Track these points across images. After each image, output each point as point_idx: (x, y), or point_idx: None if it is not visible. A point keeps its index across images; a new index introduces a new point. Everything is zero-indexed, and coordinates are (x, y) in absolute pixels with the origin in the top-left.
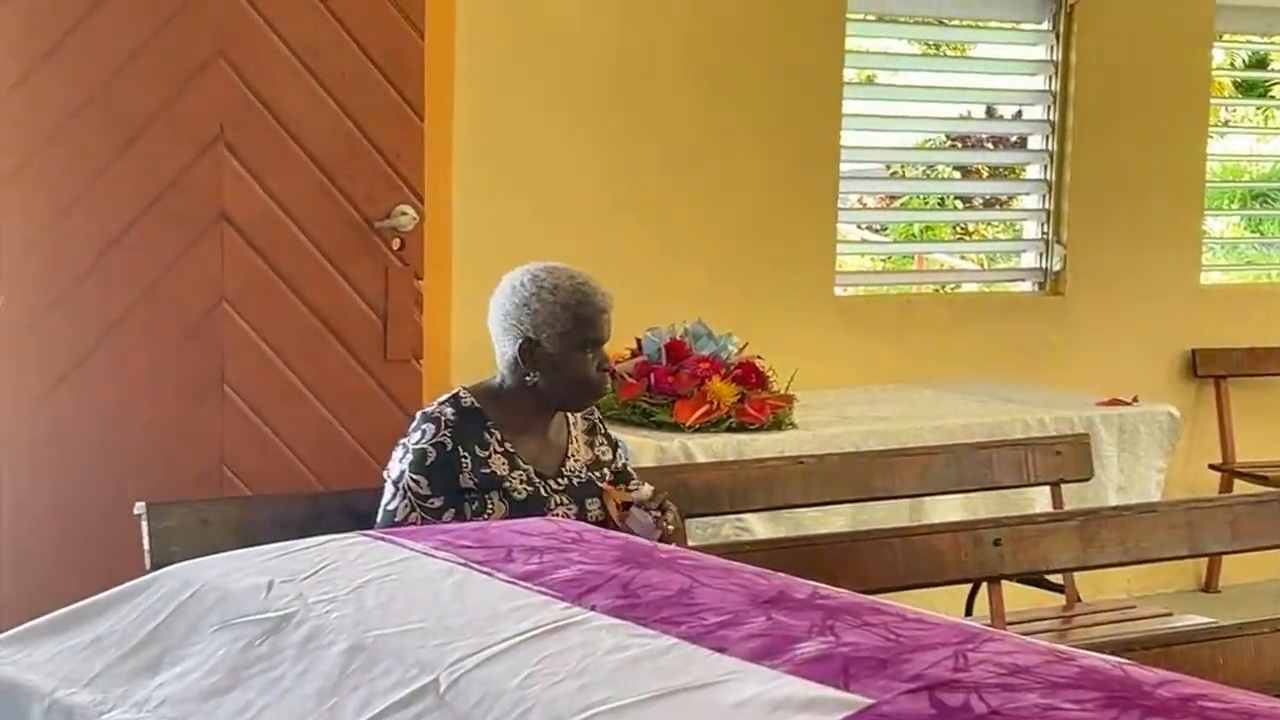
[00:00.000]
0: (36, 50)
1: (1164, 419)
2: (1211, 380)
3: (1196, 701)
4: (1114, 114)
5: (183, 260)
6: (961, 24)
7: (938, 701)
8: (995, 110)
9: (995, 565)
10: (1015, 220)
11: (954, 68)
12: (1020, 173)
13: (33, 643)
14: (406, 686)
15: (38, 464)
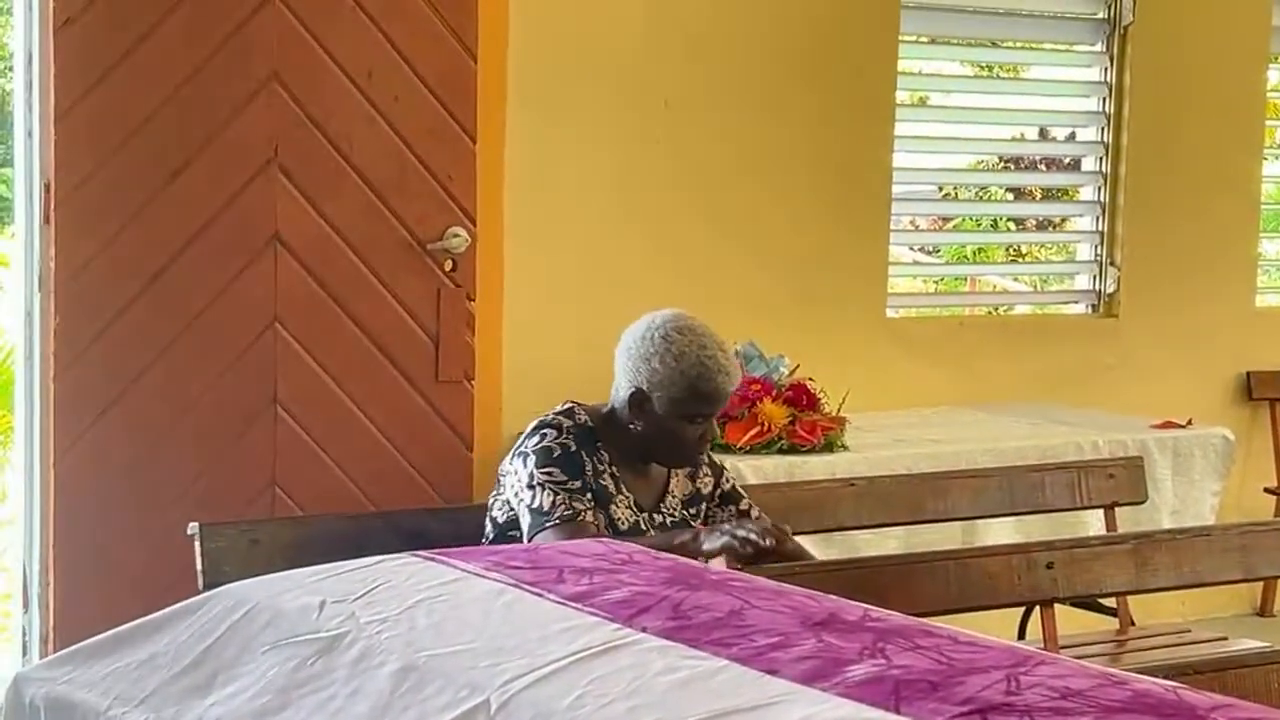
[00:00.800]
0: (93, 74)
1: (1218, 442)
2: (1266, 403)
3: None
4: (1168, 136)
5: (236, 282)
6: (1015, 46)
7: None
8: (1048, 132)
9: (1048, 588)
10: (1068, 242)
11: (1007, 89)
12: (1074, 195)
13: (87, 661)
14: (457, 707)
15: (91, 484)
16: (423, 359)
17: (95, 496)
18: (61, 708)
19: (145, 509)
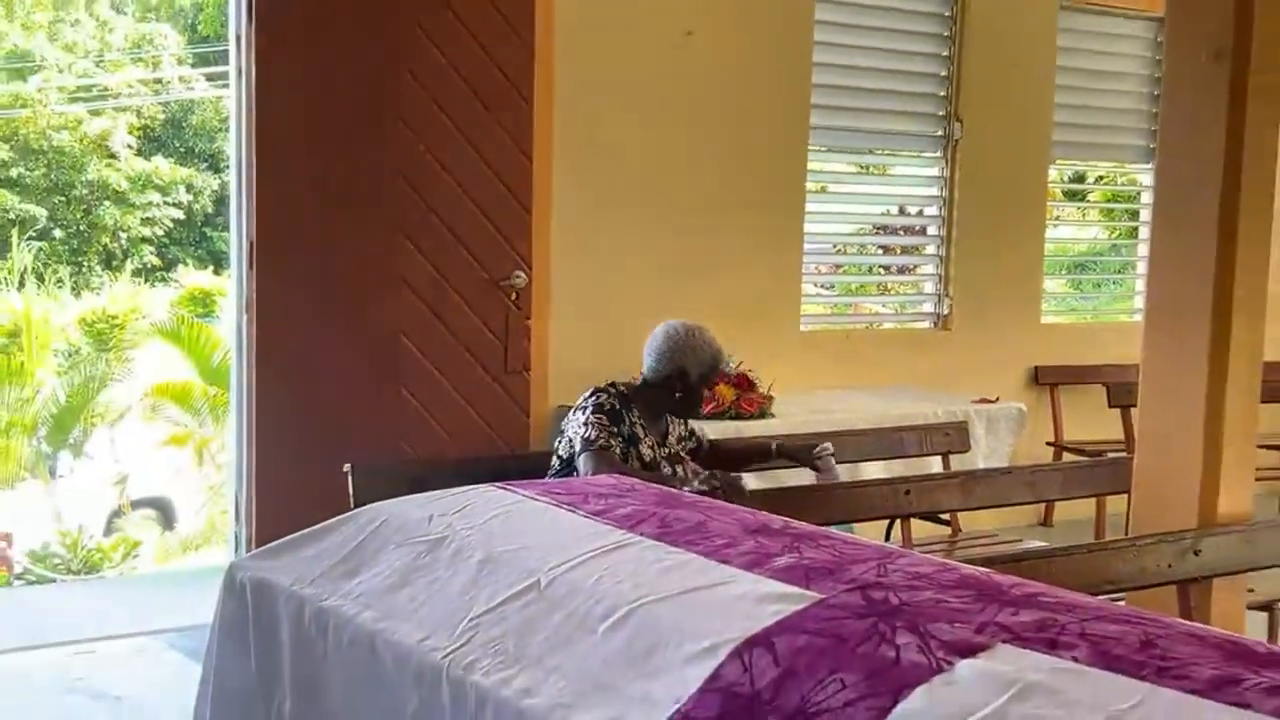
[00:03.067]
0: (279, 172)
1: (1015, 412)
2: (1047, 387)
3: (1037, 597)
4: (982, 211)
5: (375, 305)
6: (884, 153)
7: (867, 596)
8: (905, 209)
9: (905, 507)
10: (918, 281)
11: (879, 181)
12: (921, 250)
13: (277, 555)
14: (519, 584)
15: (278, 437)
16: (496, 357)
17: (281, 446)
18: (260, 587)
19: (313, 454)
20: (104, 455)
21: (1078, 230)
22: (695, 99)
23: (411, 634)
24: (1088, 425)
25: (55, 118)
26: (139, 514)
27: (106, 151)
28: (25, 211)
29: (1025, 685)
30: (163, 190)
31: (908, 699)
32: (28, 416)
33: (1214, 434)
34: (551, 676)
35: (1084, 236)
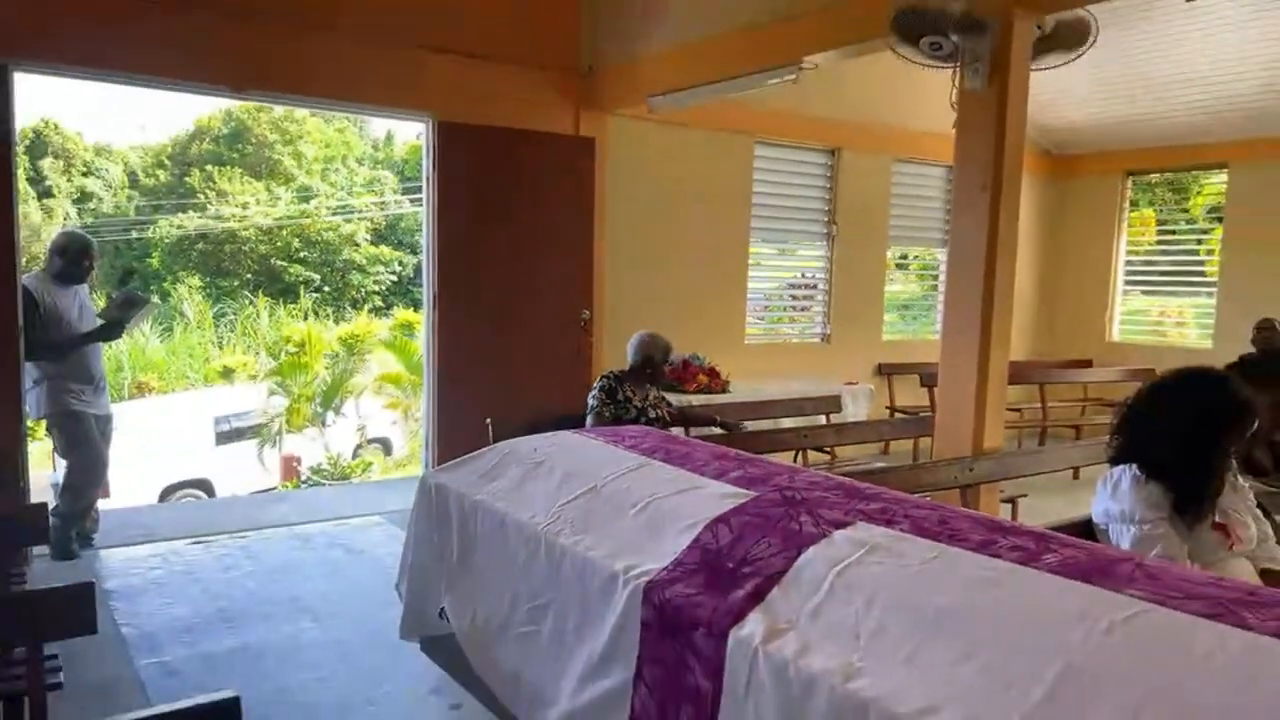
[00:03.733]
0: (452, 240)
1: (868, 390)
2: (887, 375)
3: (880, 495)
4: (850, 275)
5: (505, 331)
6: (792, 242)
7: (783, 494)
8: (805, 274)
9: (804, 444)
10: (812, 315)
11: (790, 259)
12: (814, 298)
13: (449, 470)
14: (584, 487)
15: (450, 402)
16: (571, 359)
17: (451, 408)
18: (439, 488)
19: (470, 413)
20: (351, 414)
21: (903, 285)
22: (685, 212)
23: (524, 515)
24: (909, 397)
25: (324, 224)
26: (371, 447)
27: (353, 243)
28: (308, 276)
29: (873, 545)
30: (385, 264)
31: (807, 552)
32: (309, 391)
33: (980, 401)
34: (604, 540)
35: (907, 289)
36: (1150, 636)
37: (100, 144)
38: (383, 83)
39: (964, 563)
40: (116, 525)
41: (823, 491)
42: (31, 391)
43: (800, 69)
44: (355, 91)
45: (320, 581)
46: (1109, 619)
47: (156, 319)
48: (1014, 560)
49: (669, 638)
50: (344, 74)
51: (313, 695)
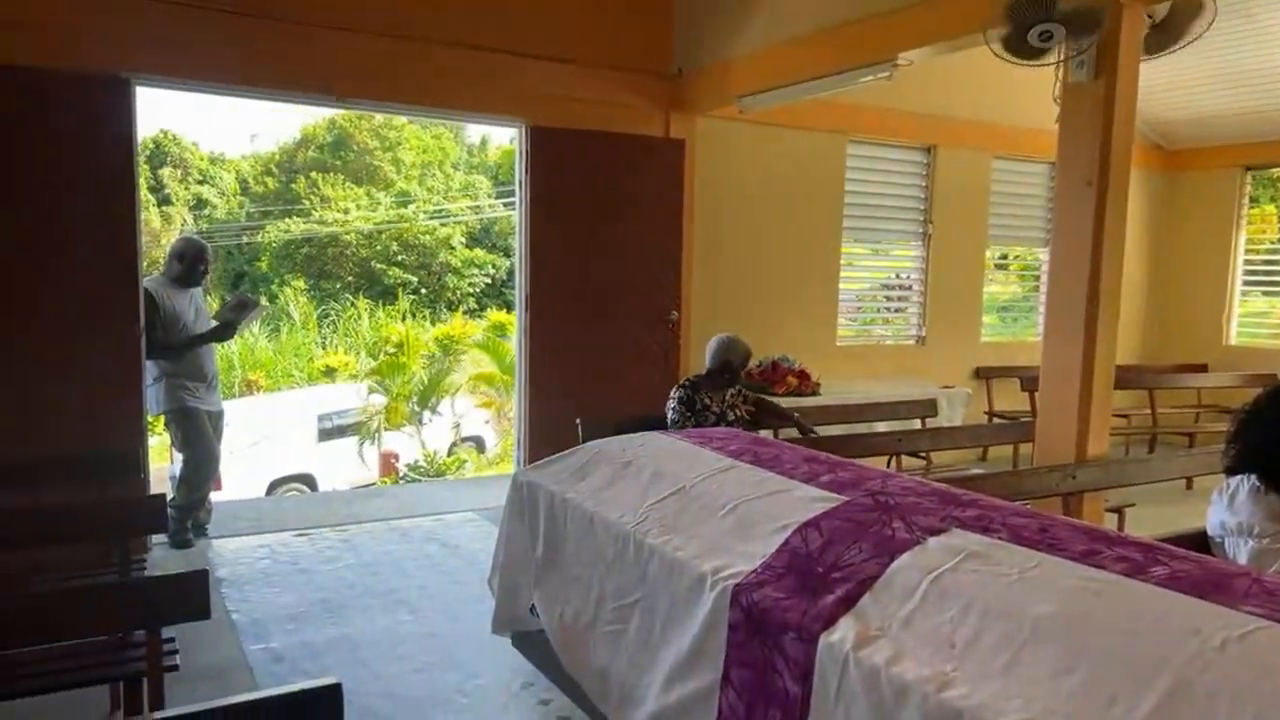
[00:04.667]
0: (540, 243)
1: (964, 394)
2: (984, 379)
3: (976, 501)
4: (946, 275)
5: (595, 330)
6: (887, 240)
7: (875, 499)
8: (899, 274)
9: (898, 448)
10: (906, 316)
11: (884, 259)
12: (909, 299)
13: (540, 468)
14: (672, 488)
15: (542, 398)
16: (659, 360)
17: (542, 408)
18: (530, 485)
19: (560, 413)
20: (447, 412)
21: (1002, 286)
22: (775, 212)
23: (612, 514)
24: (1008, 401)
25: (422, 228)
26: (465, 445)
27: (449, 246)
28: (406, 279)
29: (969, 552)
30: (479, 267)
31: (900, 558)
32: (407, 390)
33: (1085, 405)
34: (692, 541)
35: (1007, 290)
36: (1268, 655)
37: (214, 153)
38: (478, 89)
39: (1065, 572)
40: (227, 516)
41: (916, 497)
42: (151, 389)
43: (895, 66)
44: (451, 98)
45: (416, 575)
46: (1223, 635)
47: (265, 320)
48: (1119, 572)
49: (757, 641)
50: (440, 81)
51: (409, 685)
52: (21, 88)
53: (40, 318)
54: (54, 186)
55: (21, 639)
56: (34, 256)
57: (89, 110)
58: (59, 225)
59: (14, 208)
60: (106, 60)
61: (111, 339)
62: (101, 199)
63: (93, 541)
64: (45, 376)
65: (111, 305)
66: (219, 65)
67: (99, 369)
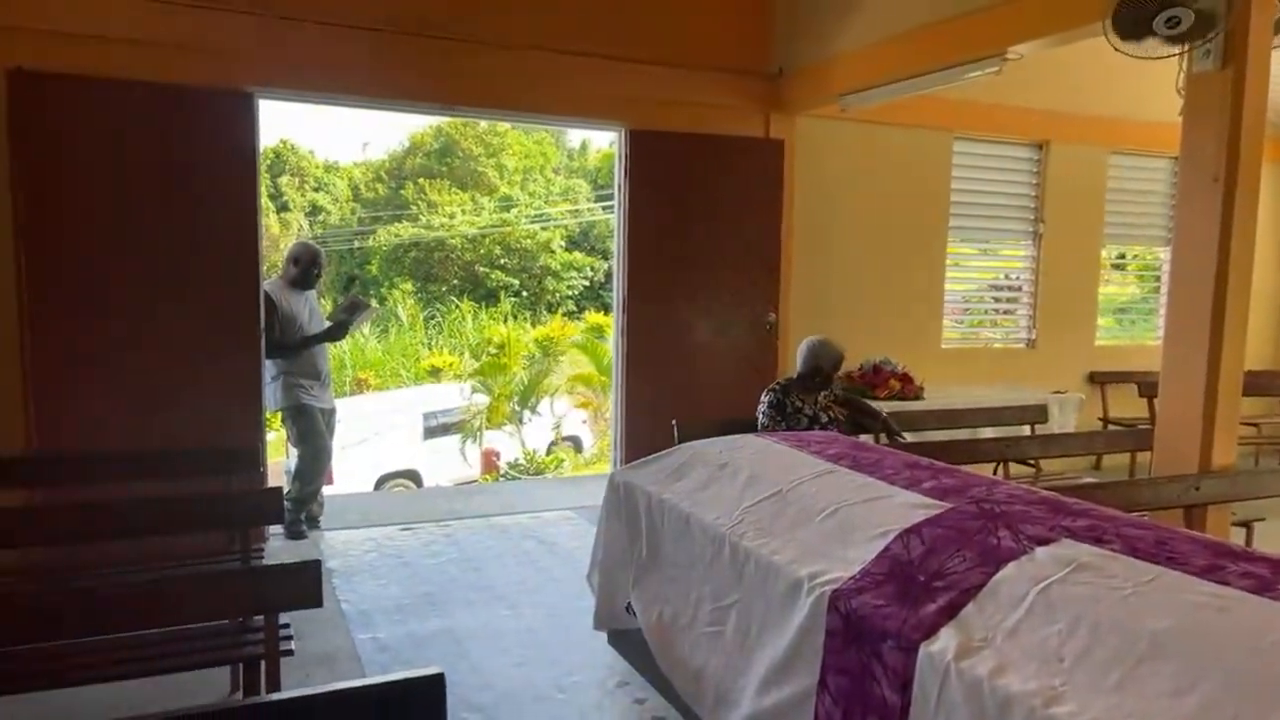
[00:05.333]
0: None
1: (1076, 400)
2: (1099, 384)
3: (1089, 511)
4: (1058, 276)
5: (691, 332)
6: (995, 240)
7: (980, 507)
8: (1009, 274)
9: (1005, 454)
10: (1016, 319)
11: (992, 259)
12: (1018, 300)
13: (637, 469)
14: (769, 491)
15: (638, 403)
16: (755, 362)
17: (639, 409)
18: (627, 485)
19: (656, 414)
20: (546, 412)
21: (1119, 287)
22: (877, 212)
23: (709, 515)
24: (1125, 408)
25: (523, 232)
26: (564, 444)
27: (549, 249)
28: (508, 282)
29: (1080, 564)
30: (578, 270)
31: (1005, 568)
32: (508, 390)
33: (1210, 412)
34: (789, 545)
35: (1124, 291)
36: None
37: (329, 161)
38: (579, 94)
39: (1185, 587)
40: (338, 510)
41: (1024, 505)
42: (269, 386)
43: (1004, 60)
44: (553, 104)
45: (515, 571)
46: None
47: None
48: (1245, 588)
49: (855, 648)
50: (542, 88)
51: (508, 679)
52: (158, 102)
53: (169, 319)
54: (184, 195)
55: (151, 621)
56: (165, 261)
57: (216, 123)
58: (188, 232)
59: (148, 216)
60: (232, 76)
61: (234, 339)
62: (226, 207)
63: (216, 530)
64: (173, 374)
65: (234, 307)
66: (335, 78)
67: (222, 367)
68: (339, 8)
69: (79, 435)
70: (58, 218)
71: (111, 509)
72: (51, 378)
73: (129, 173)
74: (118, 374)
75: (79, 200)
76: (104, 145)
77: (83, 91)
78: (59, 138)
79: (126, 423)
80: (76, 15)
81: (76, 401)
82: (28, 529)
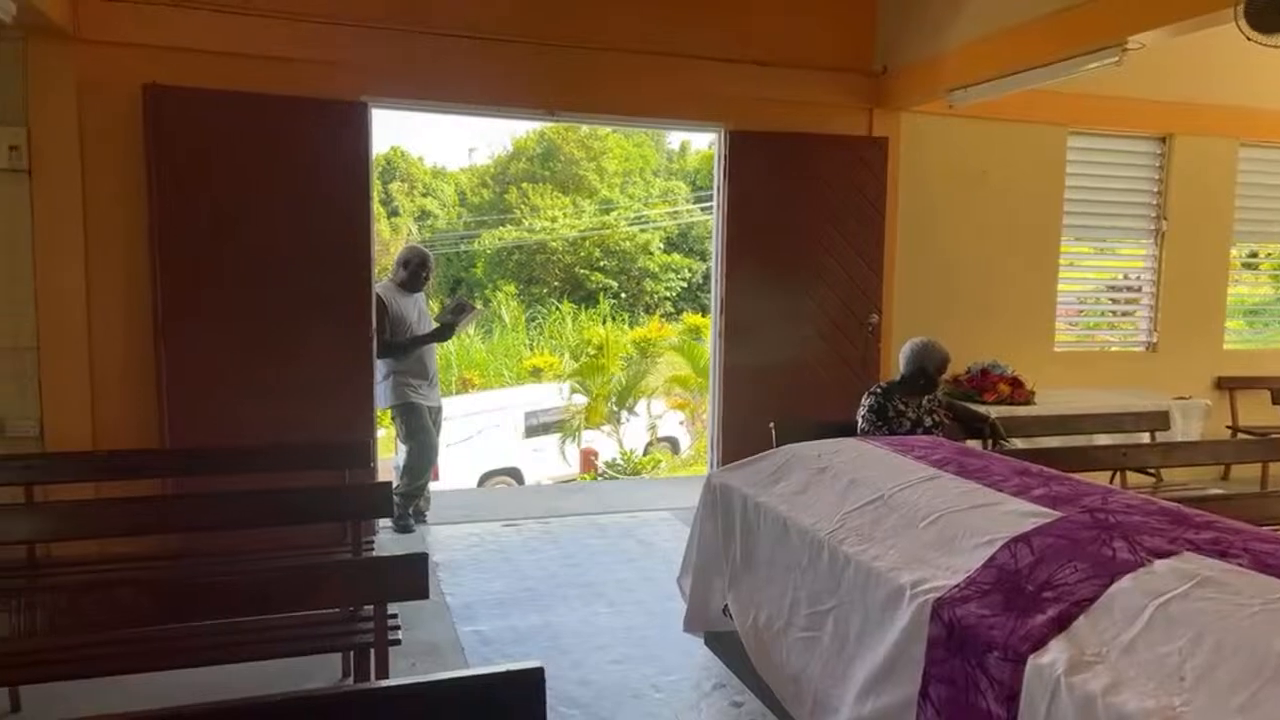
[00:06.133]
0: (736, 236)
1: (1202, 406)
2: (1227, 390)
3: (1213, 524)
4: (1182, 276)
5: (790, 335)
6: (1112, 238)
7: (1094, 516)
8: (1128, 274)
9: (1122, 463)
10: (1135, 320)
11: (1110, 259)
12: (1137, 301)
13: (734, 470)
14: (870, 496)
15: (734, 402)
16: (858, 365)
17: (736, 411)
18: (724, 487)
19: (753, 415)
20: (643, 413)
21: (1251, 287)
22: (986, 210)
23: (807, 520)
24: (1257, 415)
25: (622, 234)
26: (660, 445)
27: (647, 251)
28: (607, 284)
29: (1203, 578)
30: (676, 271)
31: (1120, 581)
32: (606, 390)
33: None
34: (889, 551)
35: (1256, 292)
36: None
37: (437, 167)
38: (679, 97)
39: None
40: (443, 505)
41: (1142, 516)
42: (379, 385)
43: (1124, 50)
44: (653, 107)
45: (613, 569)
46: None
47: (480, 323)
48: None
49: (959, 658)
50: (642, 91)
51: (605, 675)
52: (278, 113)
53: (287, 321)
54: (302, 202)
55: (273, 608)
56: (283, 265)
57: (332, 132)
58: (305, 237)
59: (269, 222)
60: (346, 86)
61: (348, 340)
62: (341, 213)
63: (329, 522)
64: (290, 374)
65: (348, 309)
66: (443, 85)
67: (336, 367)
68: (447, 18)
69: (206, 431)
70: (186, 226)
71: (234, 500)
72: (181, 379)
73: (251, 181)
74: (240, 374)
75: (205, 208)
76: (228, 155)
77: (209, 105)
78: (188, 150)
79: (248, 420)
80: (204, 33)
81: (204, 400)
82: (160, 518)
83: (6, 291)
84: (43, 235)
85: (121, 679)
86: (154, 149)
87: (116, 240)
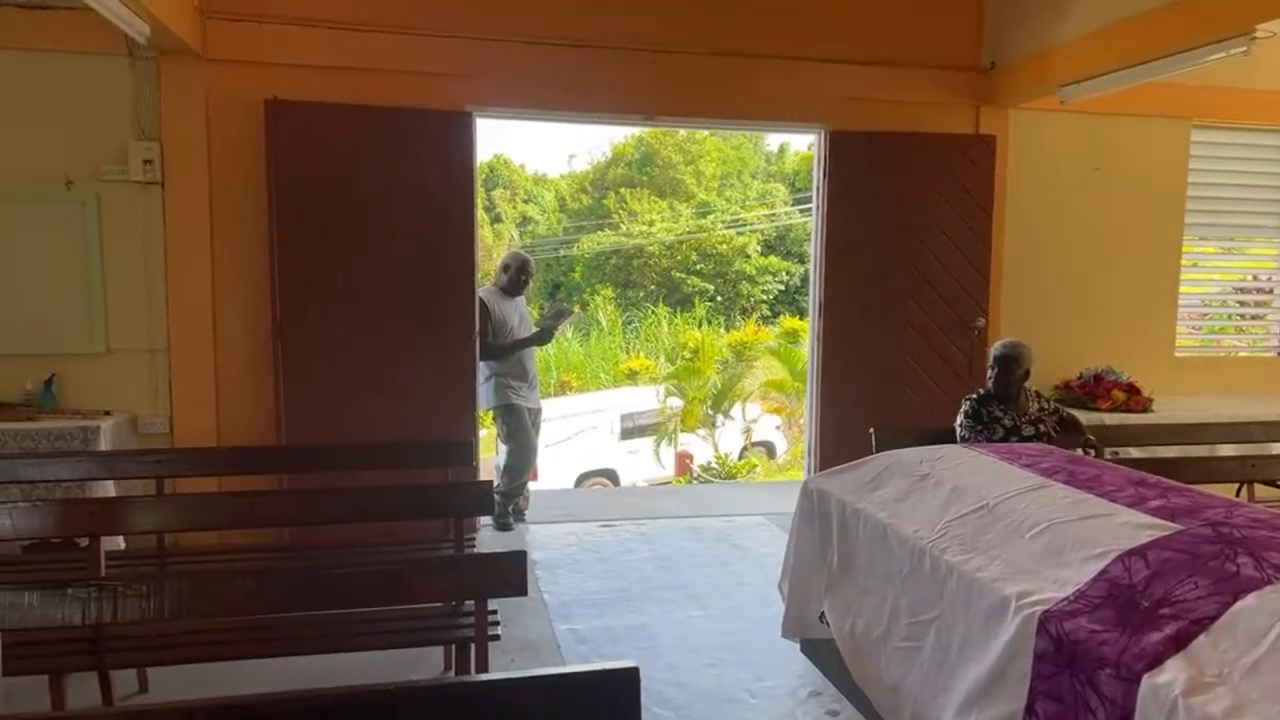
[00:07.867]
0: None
1: None
2: None
3: None
4: None
5: (892, 340)
6: (1238, 238)
7: (1216, 530)
8: (1257, 275)
9: (1249, 475)
10: (1266, 324)
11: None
12: (1269, 304)
13: (832, 476)
14: (975, 504)
15: (831, 409)
16: (962, 371)
17: (833, 416)
18: (821, 493)
19: (852, 421)
20: (739, 417)
21: None
22: (1100, 208)
23: (908, 528)
24: None
25: (719, 237)
26: (756, 449)
27: (744, 254)
28: (703, 287)
29: None
30: (773, 274)
31: (1245, 599)
32: (702, 393)
33: None
34: (994, 562)
35: None
36: None
37: (538, 174)
38: (778, 98)
39: None
40: (542, 504)
41: (1269, 531)
42: (482, 387)
43: (1252, 39)
44: (752, 109)
45: (708, 572)
46: None
47: (578, 326)
48: None
49: (1067, 674)
50: (741, 94)
51: (699, 678)
52: (387, 123)
53: (396, 325)
54: (410, 209)
55: (382, 600)
56: (393, 270)
57: (438, 141)
58: (412, 242)
59: (379, 229)
60: (452, 96)
61: (452, 343)
62: (446, 219)
63: (432, 519)
64: (398, 375)
65: (452, 313)
66: (544, 93)
67: (442, 369)
68: (546, 28)
69: (318, 430)
70: (302, 233)
71: (343, 496)
72: (296, 381)
73: (362, 189)
74: (351, 377)
75: (319, 216)
76: (341, 164)
77: (325, 117)
78: (305, 159)
79: (358, 420)
80: (321, 49)
81: (316, 401)
82: (276, 512)
83: (143, 297)
84: (173, 244)
85: (238, 664)
86: (274, 160)
87: (239, 247)
